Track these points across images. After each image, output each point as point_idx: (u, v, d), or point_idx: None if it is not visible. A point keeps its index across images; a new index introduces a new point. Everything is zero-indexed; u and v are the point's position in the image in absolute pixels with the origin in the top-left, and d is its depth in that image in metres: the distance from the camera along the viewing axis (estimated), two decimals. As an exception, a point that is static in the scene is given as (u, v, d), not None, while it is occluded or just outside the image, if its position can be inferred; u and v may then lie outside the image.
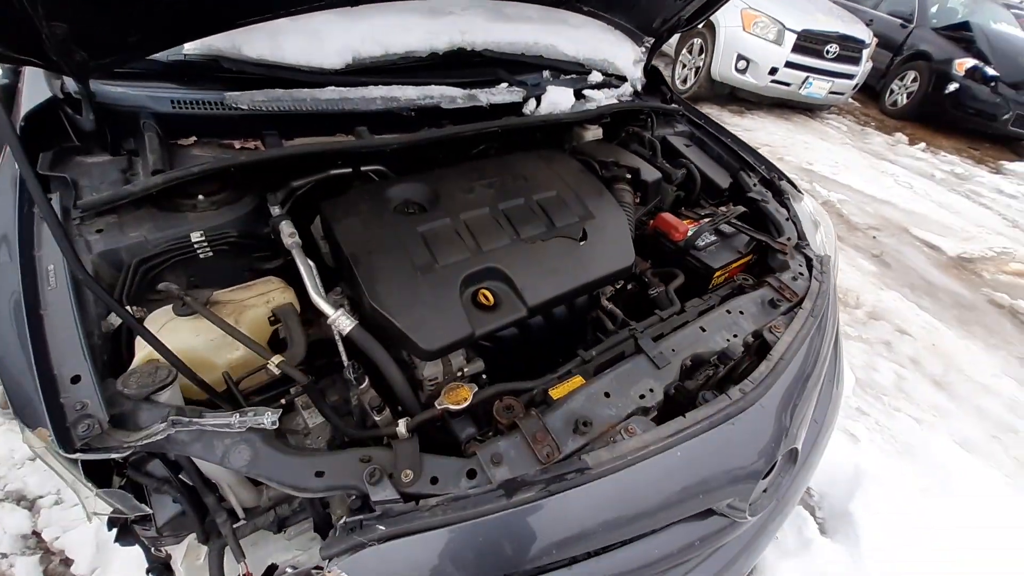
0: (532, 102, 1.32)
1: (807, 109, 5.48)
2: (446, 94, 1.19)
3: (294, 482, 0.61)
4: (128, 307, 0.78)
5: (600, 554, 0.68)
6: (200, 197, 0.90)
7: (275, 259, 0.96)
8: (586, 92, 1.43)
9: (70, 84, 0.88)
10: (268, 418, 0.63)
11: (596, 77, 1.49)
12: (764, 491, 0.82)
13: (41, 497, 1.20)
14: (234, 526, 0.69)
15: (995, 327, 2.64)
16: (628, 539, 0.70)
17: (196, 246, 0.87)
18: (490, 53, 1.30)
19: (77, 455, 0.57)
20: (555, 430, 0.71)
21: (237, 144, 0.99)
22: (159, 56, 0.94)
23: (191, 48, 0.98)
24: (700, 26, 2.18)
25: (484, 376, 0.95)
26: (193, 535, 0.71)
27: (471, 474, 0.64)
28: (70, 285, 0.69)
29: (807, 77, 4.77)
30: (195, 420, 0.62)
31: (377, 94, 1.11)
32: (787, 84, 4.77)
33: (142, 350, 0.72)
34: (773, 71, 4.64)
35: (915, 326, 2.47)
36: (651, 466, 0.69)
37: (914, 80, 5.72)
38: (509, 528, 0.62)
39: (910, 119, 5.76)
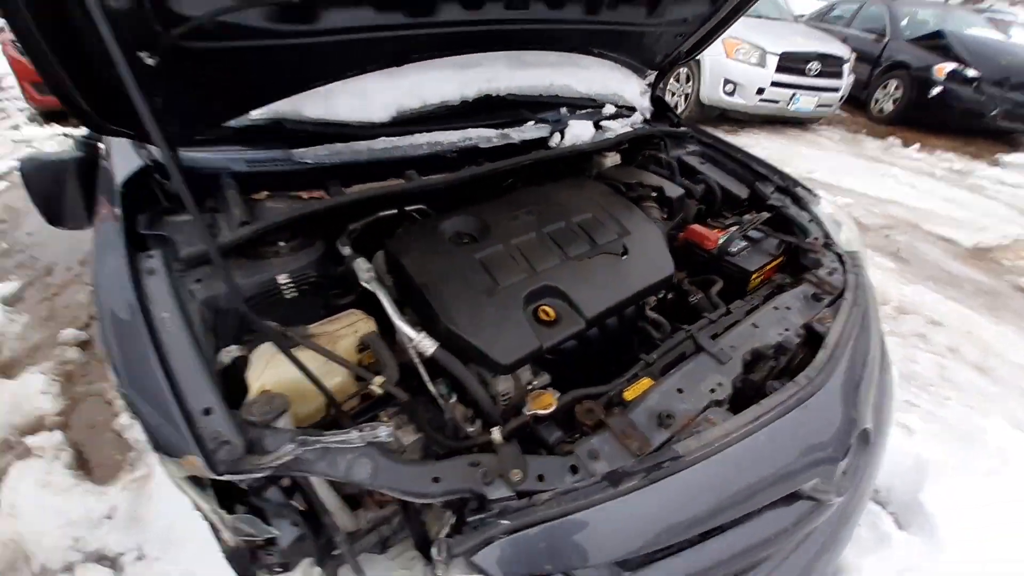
0: (556, 136, 1.43)
1: (798, 123, 5.67)
2: (482, 135, 1.30)
3: (415, 489, 0.65)
4: (231, 346, 0.85)
5: (700, 542, 0.71)
6: (281, 244, 0.98)
7: (348, 295, 1.03)
8: (603, 123, 1.55)
9: (155, 152, 0.98)
10: (384, 432, 0.68)
11: (610, 109, 1.61)
12: (843, 473, 0.84)
13: (122, 555, 1.22)
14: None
15: (1022, 311, 2.64)
16: (725, 524, 0.72)
17: (283, 287, 0.94)
18: (513, 97, 1.41)
19: (226, 476, 0.62)
20: (640, 425, 0.75)
21: (304, 195, 1.09)
22: (231, 123, 1.05)
23: (257, 114, 1.09)
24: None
25: (550, 388, 1.00)
26: (305, 564, 0.74)
27: (573, 470, 0.68)
28: (186, 330, 0.75)
29: (794, 93, 4.99)
30: (319, 439, 0.67)
31: (422, 140, 1.21)
32: (775, 101, 4.99)
33: (256, 382, 0.78)
34: (760, 91, 4.87)
35: (946, 316, 2.48)
36: (738, 452, 0.73)
37: (897, 88, 5.94)
38: (617, 516, 0.65)
39: (899, 124, 5.93)
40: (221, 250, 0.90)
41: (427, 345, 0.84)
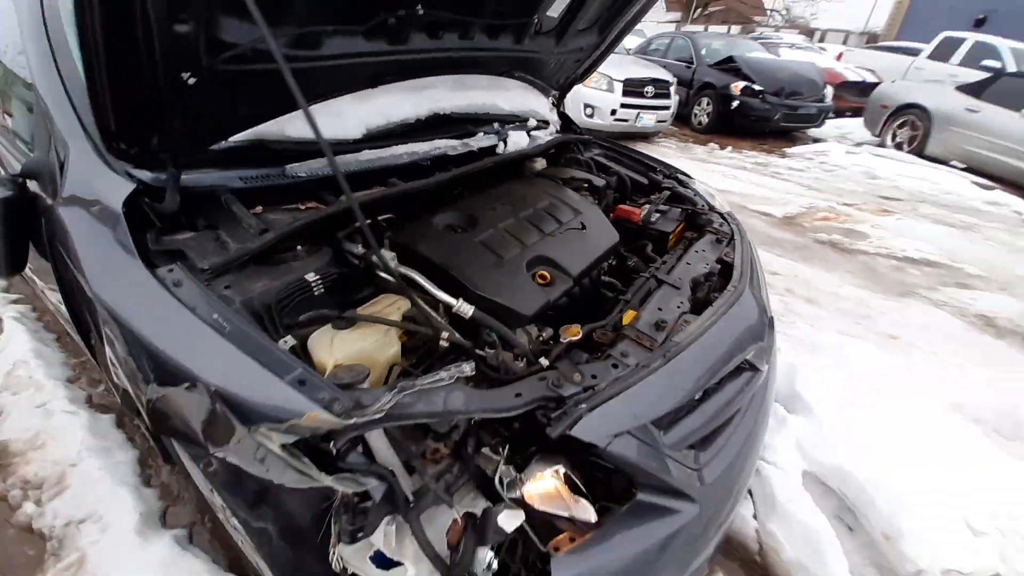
0: (501, 144, 1.70)
1: (643, 137, 6.74)
2: (449, 144, 1.51)
3: (504, 406, 0.83)
4: (286, 336, 0.93)
5: (698, 405, 1.00)
6: (299, 248, 1.07)
7: (366, 288, 1.14)
8: (533, 133, 1.85)
9: (144, 175, 1.00)
10: (468, 367, 0.85)
11: (532, 122, 1.93)
12: (765, 347, 1.21)
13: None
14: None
15: (825, 257, 3.57)
16: (710, 389, 1.02)
17: (313, 284, 1.03)
18: (457, 114, 1.65)
19: (353, 419, 0.73)
20: (646, 332, 1.02)
21: (302, 206, 1.18)
22: (221, 144, 1.11)
23: (238, 137, 1.15)
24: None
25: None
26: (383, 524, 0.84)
27: (615, 366, 0.92)
28: (247, 321, 0.83)
29: (638, 113, 5.97)
30: (415, 383, 0.81)
31: (402, 151, 1.38)
32: (625, 120, 5.93)
33: (329, 360, 0.88)
34: (613, 112, 5.76)
35: (779, 268, 3.25)
36: (709, 337, 1.05)
37: (708, 104, 7.40)
38: (650, 390, 0.91)
39: (714, 132, 7.37)
40: (249, 255, 0.97)
41: (467, 309, 1.02)
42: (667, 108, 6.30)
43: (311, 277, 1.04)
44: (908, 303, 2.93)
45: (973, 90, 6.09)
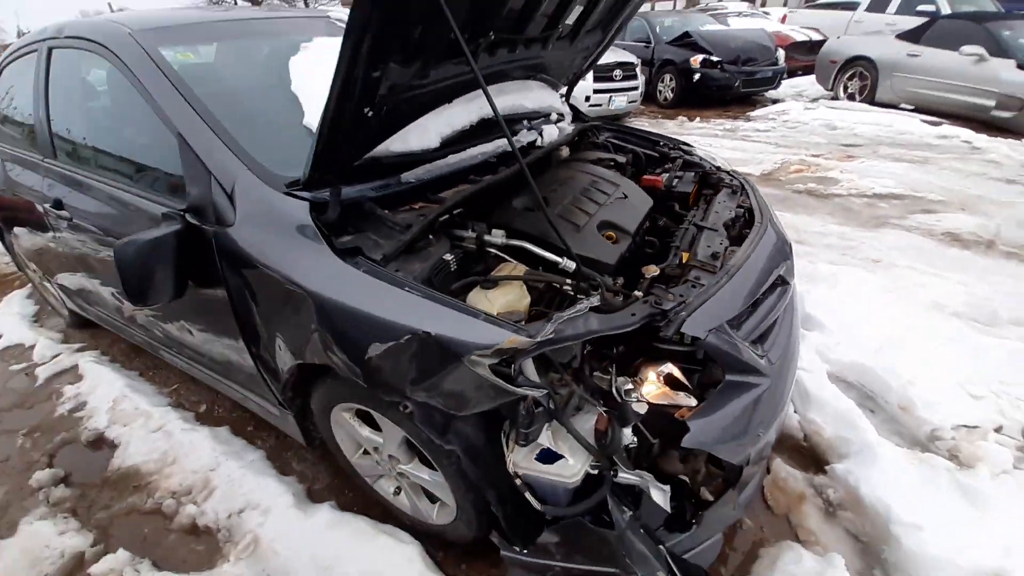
0: (539, 137, 1.98)
1: (616, 119, 7.08)
2: (519, 140, 1.80)
3: (626, 323, 1.11)
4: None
5: (752, 311, 1.31)
6: (430, 237, 1.33)
7: (479, 263, 1.41)
8: (559, 125, 2.14)
9: (304, 193, 1.25)
10: (596, 298, 1.14)
11: (554, 116, 2.22)
12: (790, 265, 1.53)
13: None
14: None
15: (805, 204, 3.96)
16: (759, 299, 1.33)
17: (451, 263, 1.30)
18: (503, 116, 1.92)
19: (538, 339, 0.99)
20: (707, 261, 1.33)
21: (416, 206, 1.45)
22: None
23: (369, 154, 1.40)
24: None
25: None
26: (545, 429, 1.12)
27: (693, 286, 1.22)
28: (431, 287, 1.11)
29: (610, 96, 6.31)
30: (563, 316, 1.09)
31: (475, 152, 1.66)
32: (599, 105, 6.26)
33: (492, 310, 1.16)
34: (587, 98, 6.08)
35: (769, 218, 3.62)
36: (752, 259, 1.35)
37: (671, 80, 7.79)
38: (723, 298, 1.21)
39: (680, 106, 7.77)
40: (405, 245, 1.24)
41: (571, 264, 1.31)
42: (636, 88, 6.66)
43: (448, 257, 1.30)
44: (884, 232, 3.32)
45: (912, 36, 6.59)
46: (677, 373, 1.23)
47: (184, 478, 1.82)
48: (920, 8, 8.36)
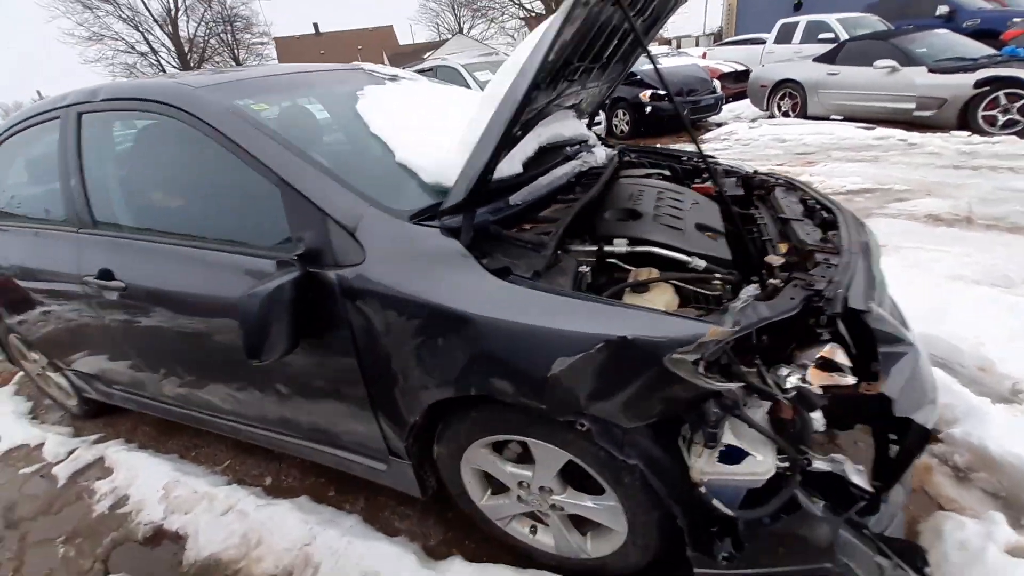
0: (593, 159, 2.05)
1: (584, 153, 7.45)
2: (573, 165, 1.84)
3: (790, 307, 1.10)
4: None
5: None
6: (559, 253, 1.31)
7: (603, 274, 1.40)
8: (595, 149, 2.24)
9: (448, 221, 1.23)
10: (754, 289, 1.16)
11: (591, 141, 2.31)
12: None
13: None
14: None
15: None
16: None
17: (585, 275, 1.29)
18: (551, 144, 1.99)
19: (733, 330, 1.00)
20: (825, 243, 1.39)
21: (527, 226, 1.45)
22: None
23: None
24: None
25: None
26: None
27: (828, 267, 1.27)
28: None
29: (579, 132, 6.64)
30: (737, 305, 1.09)
31: (560, 173, 1.69)
32: (570, 141, 6.56)
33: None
34: (559, 136, 6.36)
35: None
36: (852, 239, 1.43)
37: (624, 114, 8.34)
38: (860, 273, 1.26)
39: (637, 137, 8.29)
40: (548, 262, 1.22)
41: (700, 262, 1.34)
42: (599, 124, 7.07)
43: (583, 269, 1.29)
44: (874, 220, 3.61)
45: (827, 58, 7.45)
46: (841, 353, 1.25)
47: (278, 559, 1.62)
48: (821, 36, 9.52)
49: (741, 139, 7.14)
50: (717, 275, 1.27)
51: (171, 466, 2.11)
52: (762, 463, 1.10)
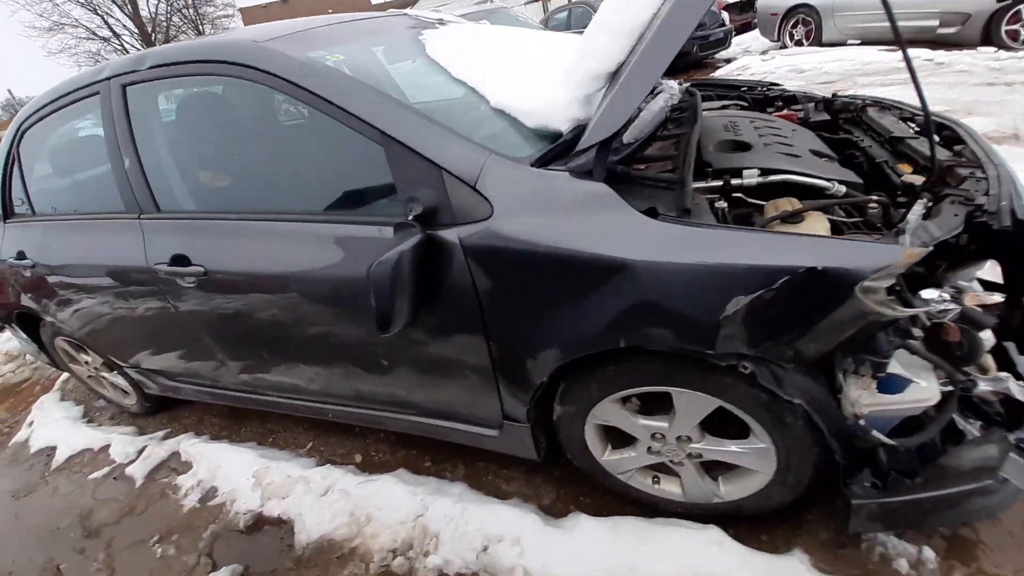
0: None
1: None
2: (671, 95, 1.73)
3: (956, 224, 1.00)
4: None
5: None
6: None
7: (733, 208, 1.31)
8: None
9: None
10: (921, 208, 1.07)
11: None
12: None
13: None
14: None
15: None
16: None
17: (724, 207, 1.20)
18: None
19: (920, 249, 0.92)
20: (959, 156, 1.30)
21: (643, 166, 1.35)
22: None
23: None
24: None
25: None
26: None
27: (973, 176, 1.18)
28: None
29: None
30: (909, 225, 1.00)
31: (656, 108, 1.57)
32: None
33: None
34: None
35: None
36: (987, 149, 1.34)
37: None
38: (1009, 186, 1.17)
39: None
40: (689, 198, 1.12)
41: (840, 187, 1.24)
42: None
43: (720, 204, 1.19)
44: (921, 145, 3.48)
45: (842, -23, 7.05)
46: (998, 271, 1.19)
47: (395, 533, 1.60)
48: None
49: (756, 73, 6.84)
50: (872, 198, 1.18)
51: (254, 454, 2.08)
52: (926, 389, 1.06)
